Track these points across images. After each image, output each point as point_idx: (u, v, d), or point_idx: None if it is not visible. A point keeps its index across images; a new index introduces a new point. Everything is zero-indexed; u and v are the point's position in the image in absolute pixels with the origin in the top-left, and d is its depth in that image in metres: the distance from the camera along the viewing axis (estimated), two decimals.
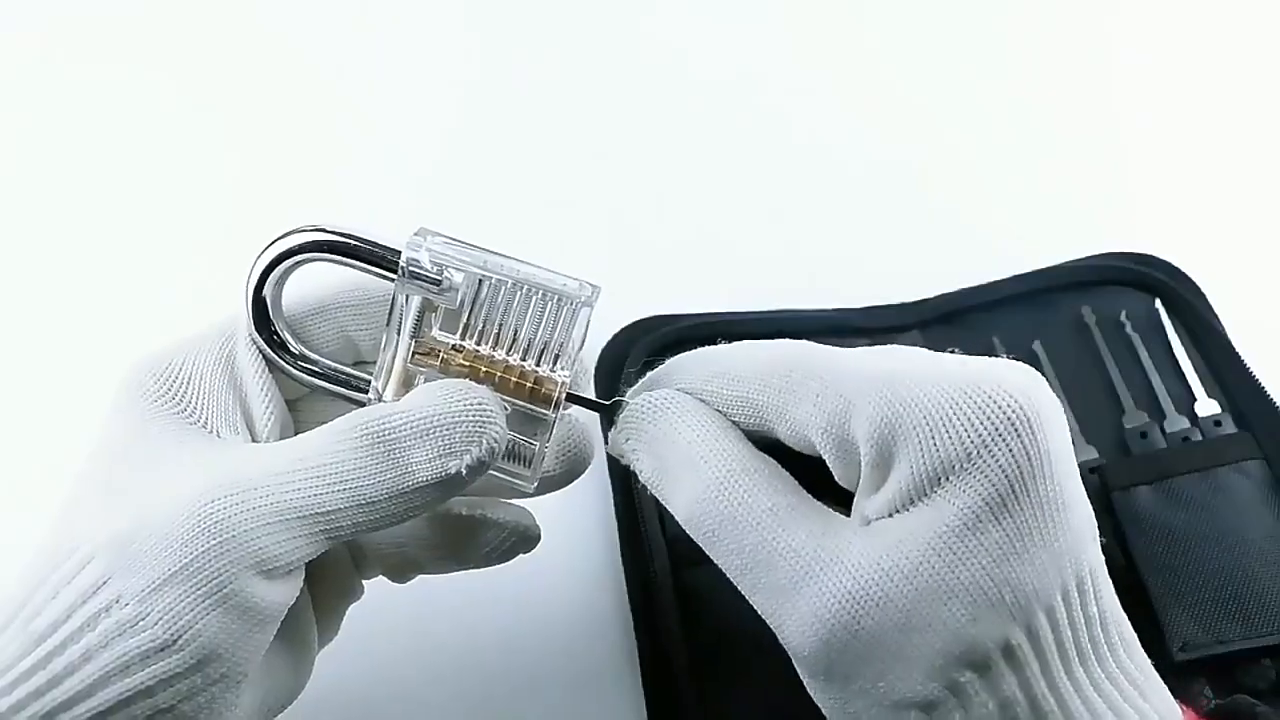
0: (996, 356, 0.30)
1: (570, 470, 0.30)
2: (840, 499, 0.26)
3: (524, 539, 0.32)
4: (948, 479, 0.23)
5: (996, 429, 0.23)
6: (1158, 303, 0.47)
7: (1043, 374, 0.45)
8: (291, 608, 0.27)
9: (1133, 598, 0.38)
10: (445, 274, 0.27)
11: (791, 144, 0.58)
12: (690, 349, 0.45)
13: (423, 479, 0.26)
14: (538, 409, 0.28)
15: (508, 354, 0.28)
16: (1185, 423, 0.43)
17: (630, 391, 0.29)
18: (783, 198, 0.56)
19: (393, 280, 0.27)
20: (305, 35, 0.62)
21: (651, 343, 0.46)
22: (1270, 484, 0.40)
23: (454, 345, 0.28)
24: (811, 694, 0.26)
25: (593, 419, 0.30)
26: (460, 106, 0.59)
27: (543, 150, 0.57)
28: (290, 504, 0.25)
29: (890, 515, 0.24)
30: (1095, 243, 0.49)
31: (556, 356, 0.28)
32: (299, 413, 0.31)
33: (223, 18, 0.62)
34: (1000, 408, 0.23)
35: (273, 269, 0.28)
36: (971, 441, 0.23)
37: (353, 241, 0.28)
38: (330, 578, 0.31)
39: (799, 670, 0.26)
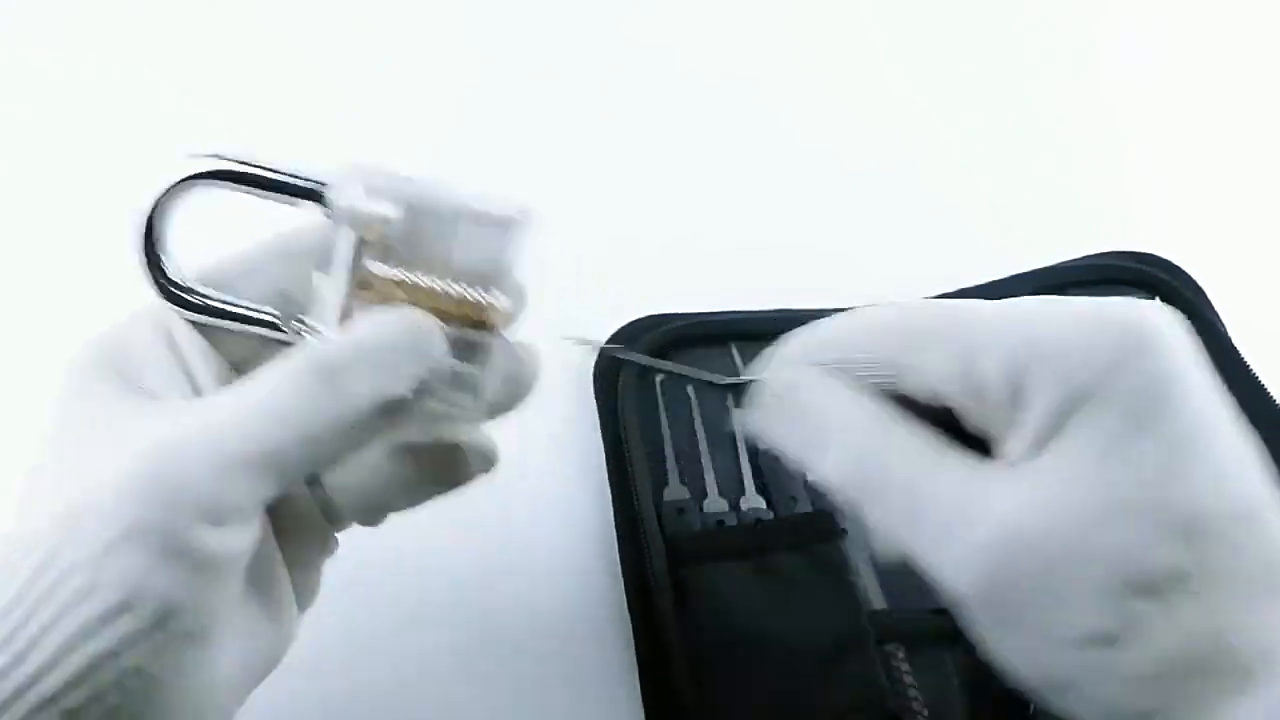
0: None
1: (515, 393, 0.30)
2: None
3: (483, 458, 0.32)
4: (1086, 405, 0.24)
5: (1122, 351, 0.24)
6: (1157, 301, 0.47)
7: None
8: (259, 561, 0.27)
9: None
10: (379, 206, 0.27)
11: (792, 144, 0.58)
12: (690, 348, 0.46)
13: (365, 405, 0.26)
14: (479, 335, 0.28)
15: (445, 282, 0.28)
16: None
17: (757, 371, 0.29)
18: (783, 197, 0.56)
19: (301, 206, 0.27)
20: (305, 35, 0.62)
21: (651, 342, 0.46)
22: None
23: (391, 278, 0.28)
24: (985, 644, 0.26)
25: (535, 340, 0.30)
26: (461, 104, 0.59)
27: (543, 149, 0.58)
28: (232, 448, 0.24)
29: (1035, 452, 0.25)
30: (1095, 241, 0.49)
31: (495, 281, 0.28)
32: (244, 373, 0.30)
33: (221, 17, 0.62)
34: (1123, 331, 0.24)
35: (164, 201, 0.27)
36: (1099, 365, 0.24)
37: (249, 167, 0.27)
38: (298, 530, 0.31)
39: (968, 618, 0.26)
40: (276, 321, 0.28)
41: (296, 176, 0.28)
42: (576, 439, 0.46)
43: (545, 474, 0.45)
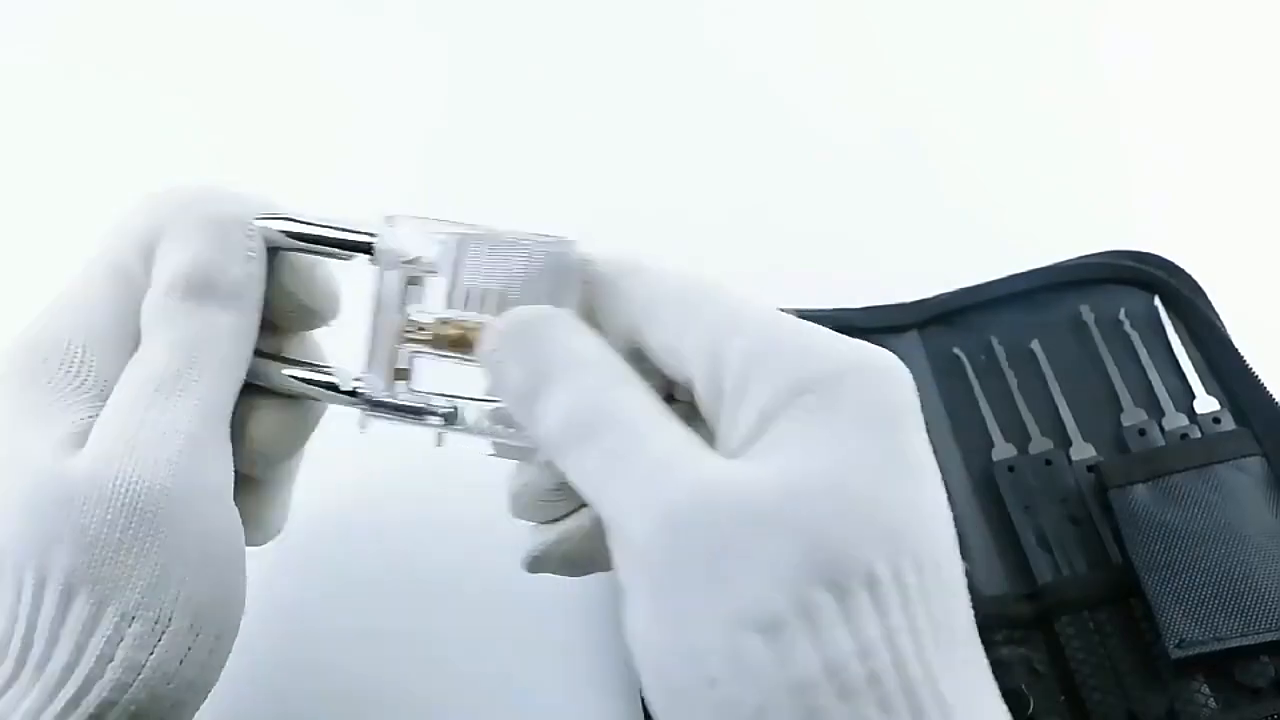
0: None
1: None
2: None
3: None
4: (815, 395, 0.23)
5: (856, 367, 0.24)
6: (1156, 300, 0.47)
7: (1041, 373, 0.45)
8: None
9: (1129, 596, 0.38)
10: (425, 246, 0.27)
11: (790, 143, 0.58)
12: None
13: None
14: None
15: (495, 316, 0.27)
16: (1184, 420, 0.43)
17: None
18: (781, 197, 0.56)
19: (352, 259, 0.28)
20: (305, 35, 0.62)
21: None
22: (1269, 480, 0.40)
23: (441, 318, 0.28)
24: (637, 611, 0.23)
25: None
26: (462, 103, 0.59)
27: (544, 148, 0.58)
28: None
29: (759, 430, 0.24)
30: (1093, 241, 0.49)
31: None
32: None
33: (220, 18, 0.62)
34: (862, 359, 0.24)
35: None
36: (831, 369, 0.24)
37: (306, 225, 0.28)
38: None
39: (631, 588, 0.24)
40: (335, 381, 0.29)
41: (347, 229, 0.28)
42: None
43: None
